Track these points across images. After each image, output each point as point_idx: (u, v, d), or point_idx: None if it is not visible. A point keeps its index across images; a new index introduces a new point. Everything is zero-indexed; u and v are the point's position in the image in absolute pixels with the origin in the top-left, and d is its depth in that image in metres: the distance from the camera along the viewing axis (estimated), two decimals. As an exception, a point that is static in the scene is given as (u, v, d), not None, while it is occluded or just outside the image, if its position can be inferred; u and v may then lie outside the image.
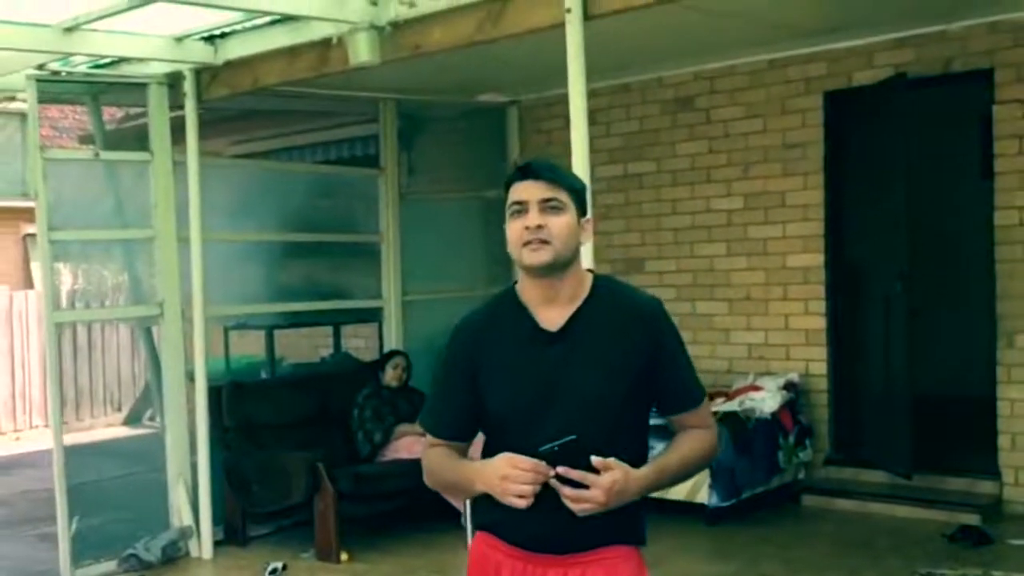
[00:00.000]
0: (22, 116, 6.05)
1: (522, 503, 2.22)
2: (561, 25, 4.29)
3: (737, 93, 7.28)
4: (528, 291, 2.44)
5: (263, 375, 7.63)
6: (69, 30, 5.09)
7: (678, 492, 6.19)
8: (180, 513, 6.23)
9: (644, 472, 2.30)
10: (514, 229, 2.39)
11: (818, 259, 6.98)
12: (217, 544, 6.25)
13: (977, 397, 6.53)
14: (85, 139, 10.25)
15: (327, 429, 6.60)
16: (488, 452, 2.41)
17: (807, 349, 7.07)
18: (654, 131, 7.67)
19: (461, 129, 8.30)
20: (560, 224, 2.36)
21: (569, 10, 4.24)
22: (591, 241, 2.48)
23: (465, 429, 2.50)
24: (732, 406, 6.62)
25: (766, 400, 6.65)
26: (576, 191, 2.43)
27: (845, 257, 6.97)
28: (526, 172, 2.41)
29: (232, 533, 6.39)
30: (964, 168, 7.50)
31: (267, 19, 5.39)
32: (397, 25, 5.03)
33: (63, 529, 5.83)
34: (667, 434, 2.43)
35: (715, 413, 6.37)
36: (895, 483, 6.54)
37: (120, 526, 6.28)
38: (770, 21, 6.08)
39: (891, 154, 6.56)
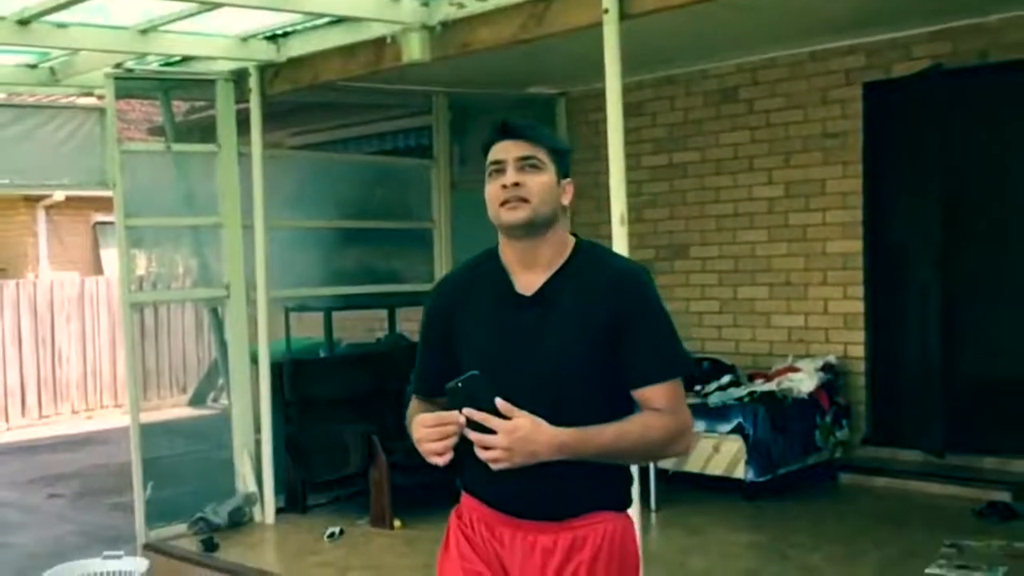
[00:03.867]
0: (100, 111, 6.39)
1: (440, 461, 2.15)
2: (600, 24, 4.53)
3: (778, 84, 7.43)
4: (508, 253, 2.35)
5: (322, 354, 7.96)
6: (144, 32, 5.38)
7: (716, 467, 6.47)
8: (245, 481, 6.52)
9: (561, 430, 2.13)
10: (492, 189, 2.30)
11: (857, 245, 7.12)
12: (279, 511, 6.51)
13: (1013, 379, 6.68)
14: (153, 131, 10.66)
15: (381, 404, 6.85)
16: None
17: (846, 332, 7.22)
18: (698, 122, 7.86)
19: (511, 120, 8.55)
20: (539, 183, 2.27)
21: (607, 10, 4.45)
22: (569, 202, 2.37)
23: (438, 386, 2.34)
24: (770, 386, 6.83)
25: (803, 381, 6.84)
26: (557, 151, 2.33)
27: (883, 243, 7.10)
28: (504, 131, 2.32)
29: (293, 501, 6.65)
30: (1003, 156, 7.61)
31: (326, 20, 5.62)
32: (447, 25, 5.24)
33: (139, 493, 6.14)
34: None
35: (752, 393, 6.70)
36: (930, 462, 6.72)
37: (188, 498, 6.54)
38: (809, 15, 6.20)
39: (928, 143, 6.74)
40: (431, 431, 2.16)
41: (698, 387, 7.04)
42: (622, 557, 2.32)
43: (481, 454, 2.12)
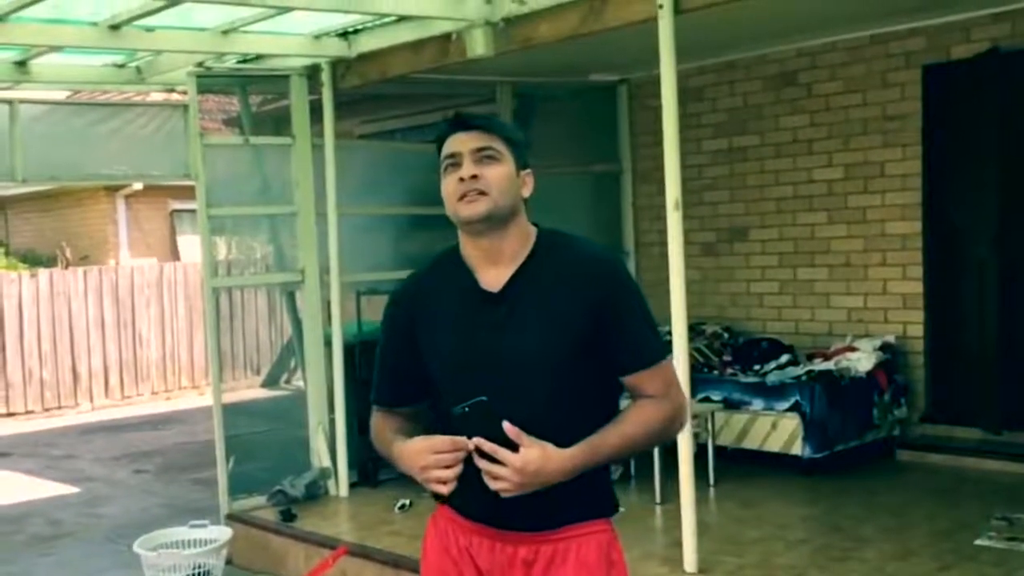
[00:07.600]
0: (183, 108, 6.73)
1: (444, 489, 2.06)
2: (656, 18, 4.71)
3: (838, 68, 7.50)
4: (469, 250, 2.24)
5: (391, 336, 8.22)
6: (225, 32, 5.69)
7: (774, 444, 6.64)
8: (320, 457, 6.82)
9: (570, 452, 2.06)
10: (448, 184, 2.20)
11: (916, 226, 7.18)
12: (352, 485, 6.80)
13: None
14: (228, 121, 11.01)
15: (449, 384, 7.11)
16: (435, 413, 2.27)
17: (904, 312, 7.29)
18: (758, 106, 7.96)
19: (573, 107, 8.63)
20: (497, 174, 2.17)
21: (661, 6, 4.63)
22: (530, 194, 2.28)
23: (402, 395, 2.32)
24: (827, 365, 6.96)
25: (861, 360, 6.95)
26: (514, 142, 2.23)
27: (942, 224, 7.14)
28: (457, 123, 2.22)
29: (365, 476, 6.92)
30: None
31: (394, 17, 5.85)
32: (509, 21, 5.47)
33: (222, 466, 6.47)
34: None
35: (810, 372, 6.84)
36: (987, 439, 6.79)
37: (266, 473, 6.84)
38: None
39: (987, 125, 6.79)
40: (443, 457, 2.06)
41: (756, 366, 7.20)
42: (607, 569, 2.23)
43: (491, 484, 2.04)
